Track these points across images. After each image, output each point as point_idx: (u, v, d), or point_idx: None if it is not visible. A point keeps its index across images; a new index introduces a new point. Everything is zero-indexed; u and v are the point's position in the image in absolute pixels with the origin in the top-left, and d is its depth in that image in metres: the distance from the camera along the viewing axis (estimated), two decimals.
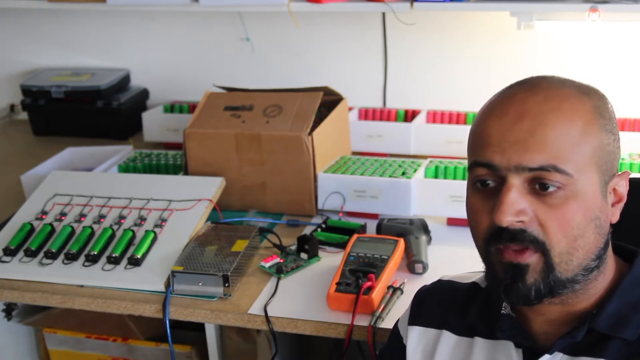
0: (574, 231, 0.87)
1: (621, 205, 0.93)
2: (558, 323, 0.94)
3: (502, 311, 0.97)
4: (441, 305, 1.07)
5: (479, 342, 1.00)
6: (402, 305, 1.36)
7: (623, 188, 0.93)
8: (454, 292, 1.07)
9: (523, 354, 0.95)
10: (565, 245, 0.87)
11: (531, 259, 0.88)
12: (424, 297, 1.11)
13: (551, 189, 0.86)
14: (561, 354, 0.91)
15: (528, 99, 0.89)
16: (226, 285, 1.43)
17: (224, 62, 2.47)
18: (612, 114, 0.92)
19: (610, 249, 0.95)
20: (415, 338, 1.07)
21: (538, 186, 0.87)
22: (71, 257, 1.55)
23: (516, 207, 0.86)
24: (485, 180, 0.90)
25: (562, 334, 0.92)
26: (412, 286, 1.42)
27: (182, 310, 1.43)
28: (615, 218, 0.93)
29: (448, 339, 1.04)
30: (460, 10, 2.00)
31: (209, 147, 1.81)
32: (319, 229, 1.67)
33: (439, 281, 1.13)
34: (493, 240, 0.89)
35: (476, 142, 0.92)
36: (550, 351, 0.92)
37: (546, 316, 0.95)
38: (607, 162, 0.90)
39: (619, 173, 0.93)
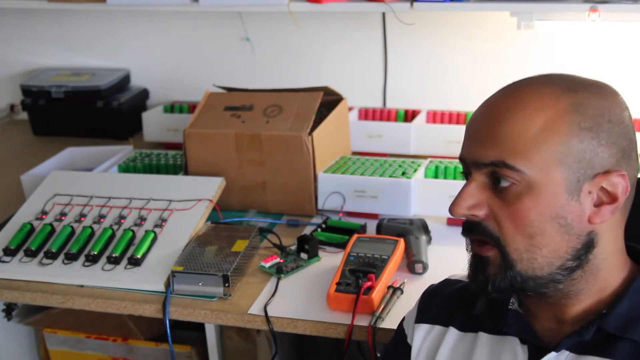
0: (527, 228, 0.87)
1: (613, 206, 0.88)
2: (565, 321, 0.94)
3: (509, 307, 0.97)
4: (448, 303, 1.07)
5: (483, 337, 1.00)
6: (402, 305, 1.36)
7: (614, 187, 0.88)
8: (462, 290, 1.07)
9: (529, 350, 0.95)
10: (522, 242, 0.88)
11: (490, 252, 0.90)
12: (431, 296, 1.12)
13: (505, 184, 0.88)
14: (567, 352, 0.91)
15: (503, 97, 0.91)
16: (226, 285, 1.43)
17: (224, 62, 2.47)
18: (600, 110, 0.88)
19: (612, 248, 0.92)
20: (421, 336, 1.07)
21: (495, 181, 0.89)
22: (71, 257, 1.55)
23: (469, 201, 0.90)
24: (466, 173, 0.94)
25: (568, 332, 0.92)
26: (412, 286, 1.42)
27: (182, 310, 1.43)
28: (599, 219, 0.88)
29: (453, 335, 1.04)
30: (460, 10, 2.00)
31: (209, 147, 1.81)
32: (319, 229, 1.67)
33: (447, 280, 1.13)
34: (462, 230, 0.94)
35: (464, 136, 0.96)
36: (557, 349, 0.91)
37: (551, 314, 0.95)
38: (579, 160, 0.86)
39: (605, 172, 0.87)
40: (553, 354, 0.91)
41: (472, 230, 0.91)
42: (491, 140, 0.88)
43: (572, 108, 0.87)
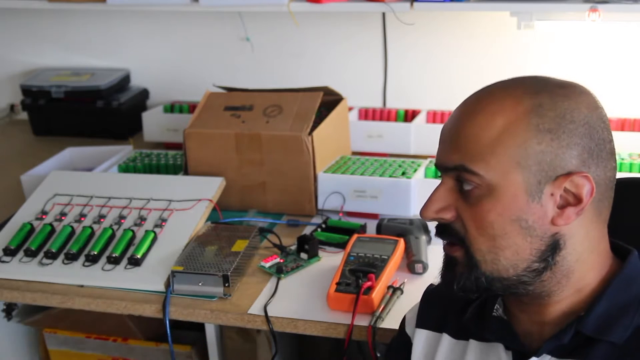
0: (489, 230, 0.88)
1: (578, 207, 0.87)
2: (545, 324, 0.93)
3: (493, 313, 0.97)
4: (444, 308, 1.07)
5: (473, 344, 1.00)
6: (402, 305, 1.36)
7: (578, 189, 0.86)
8: (456, 296, 1.06)
9: (513, 356, 0.94)
10: (485, 244, 0.88)
11: (457, 253, 0.92)
12: (431, 299, 1.11)
13: (468, 187, 0.89)
14: (549, 357, 0.91)
15: (469, 101, 0.92)
16: (226, 285, 1.43)
17: (224, 62, 2.47)
18: (561, 111, 0.86)
19: (585, 249, 0.90)
20: (420, 342, 1.07)
21: (460, 184, 0.90)
22: (71, 257, 1.55)
23: (437, 205, 0.91)
24: (441, 177, 0.95)
25: (549, 335, 0.92)
26: (412, 286, 1.42)
27: (182, 310, 1.43)
28: (562, 221, 0.87)
29: (446, 342, 1.04)
30: (460, 10, 2.00)
31: (209, 147, 1.81)
32: (319, 229, 1.67)
33: None
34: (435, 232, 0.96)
35: None
36: (537, 353, 0.91)
37: (532, 316, 0.94)
38: (539, 162, 0.86)
39: (567, 173, 0.86)
40: (534, 359, 0.91)
41: (443, 232, 0.93)
42: (454, 144, 0.90)
43: (532, 110, 0.87)
